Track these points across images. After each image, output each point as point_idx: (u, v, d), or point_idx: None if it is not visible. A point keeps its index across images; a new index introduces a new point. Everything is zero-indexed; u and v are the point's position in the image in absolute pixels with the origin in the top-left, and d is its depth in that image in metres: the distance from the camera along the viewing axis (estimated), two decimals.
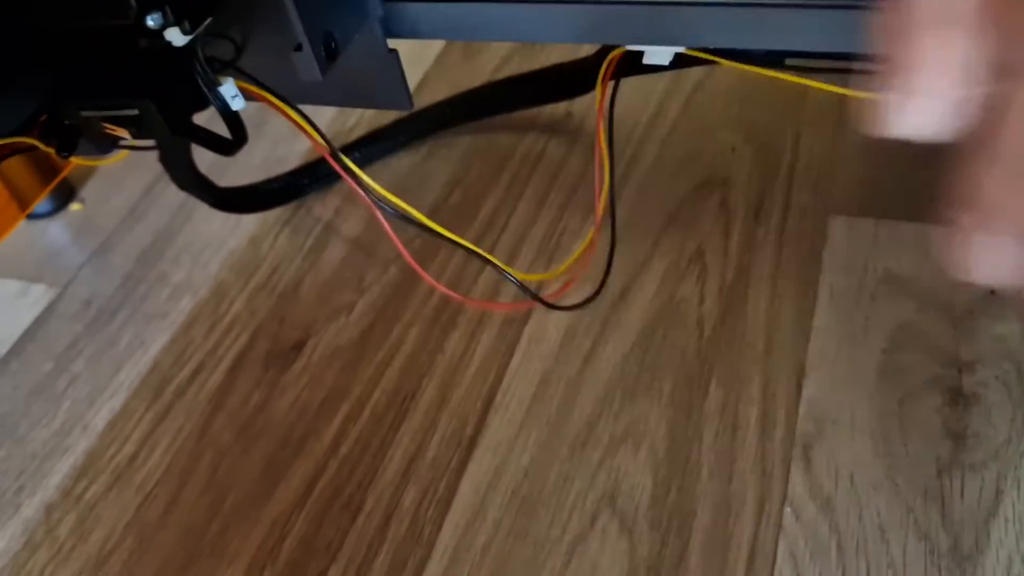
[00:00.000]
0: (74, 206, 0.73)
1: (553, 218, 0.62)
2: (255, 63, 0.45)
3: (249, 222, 0.67)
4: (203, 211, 0.69)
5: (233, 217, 0.68)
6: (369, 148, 0.69)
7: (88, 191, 0.74)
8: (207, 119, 0.44)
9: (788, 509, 0.45)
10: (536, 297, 0.54)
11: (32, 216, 0.73)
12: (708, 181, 0.61)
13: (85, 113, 0.45)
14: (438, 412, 0.52)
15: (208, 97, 0.42)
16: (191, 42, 0.38)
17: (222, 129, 0.43)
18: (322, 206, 0.67)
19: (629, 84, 0.67)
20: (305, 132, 0.47)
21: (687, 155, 0.63)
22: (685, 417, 0.49)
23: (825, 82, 0.43)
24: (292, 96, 0.45)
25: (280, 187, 0.67)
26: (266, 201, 0.67)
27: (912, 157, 0.59)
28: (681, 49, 0.43)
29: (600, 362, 0.53)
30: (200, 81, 0.41)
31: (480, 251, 0.53)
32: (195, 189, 0.57)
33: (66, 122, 0.46)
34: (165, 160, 0.53)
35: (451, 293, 0.57)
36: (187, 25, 0.38)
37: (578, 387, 0.52)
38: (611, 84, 0.45)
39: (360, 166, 0.69)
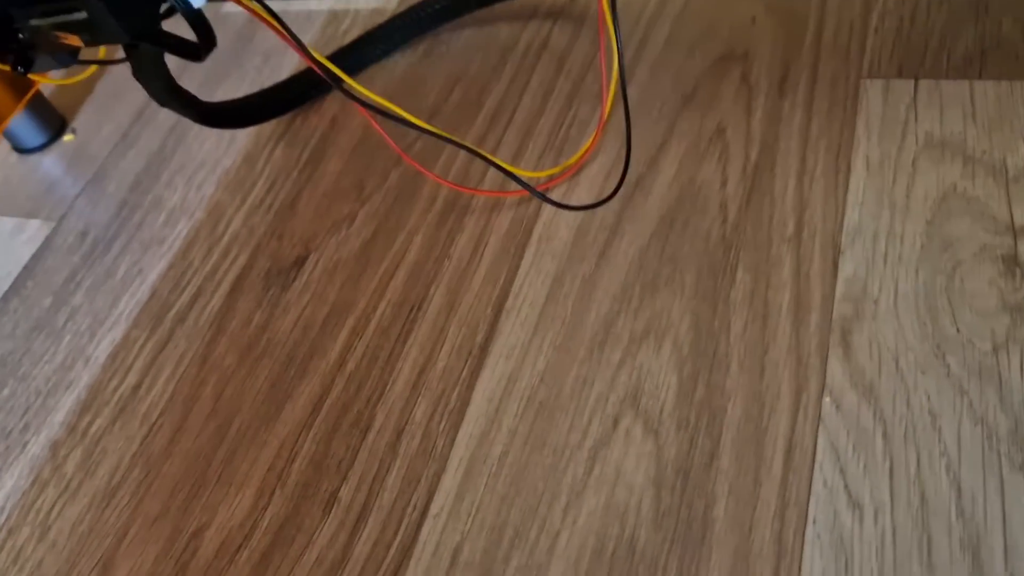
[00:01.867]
0: (66, 137, 0.70)
1: (560, 109, 0.57)
2: None
3: (243, 139, 0.64)
4: (196, 132, 0.66)
5: (227, 135, 0.64)
6: (363, 52, 0.65)
7: (79, 121, 0.71)
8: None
9: (827, 399, 0.41)
10: (545, 198, 0.50)
11: (25, 151, 0.70)
12: (727, 56, 0.56)
13: (34, 22, 0.42)
14: (447, 320, 0.49)
15: None
16: None
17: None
18: (318, 116, 0.63)
19: None
20: (279, 32, 0.43)
21: (703, 30, 0.58)
22: (710, 308, 0.45)
23: None
24: None
25: (270, 98, 0.63)
26: (256, 114, 0.63)
27: (951, 8, 0.53)
28: None
29: (617, 256, 0.49)
30: None
31: (482, 152, 0.49)
32: (176, 104, 0.53)
33: (19, 35, 0.43)
34: (137, 73, 0.50)
35: (459, 187, 0.53)
36: None
37: (594, 284, 0.48)
38: None
39: (356, 70, 0.65)
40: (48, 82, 0.63)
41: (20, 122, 0.69)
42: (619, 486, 0.41)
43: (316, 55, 0.45)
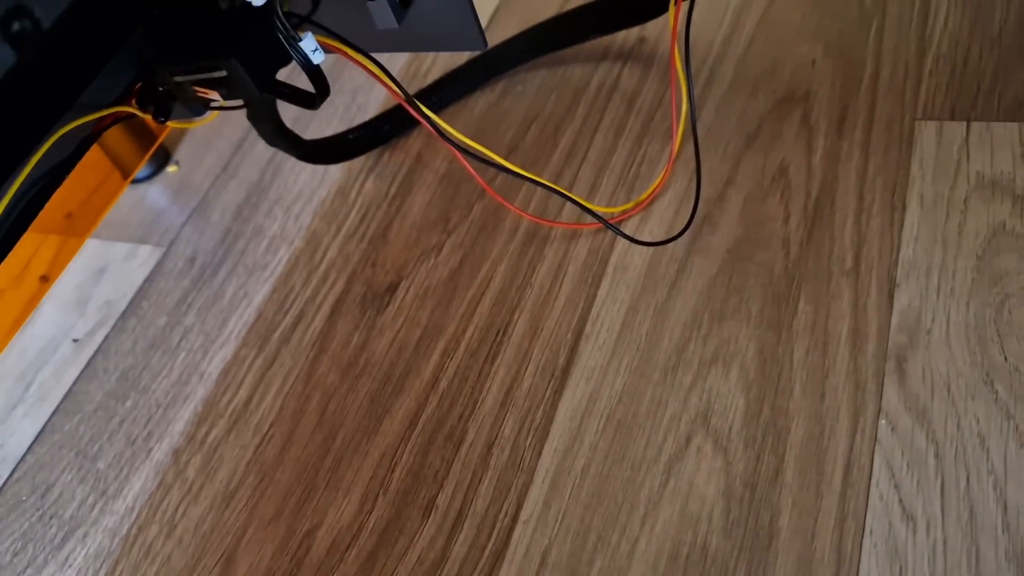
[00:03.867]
0: (170, 169, 0.77)
1: (632, 147, 0.62)
2: (330, 16, 0.46)
3: (335, 172, 0.69)
4: (291, 164, 0.71)
5: (320, 169, 0.70)
6: (445, 91, 0.70)
7: (182, 154, 0.78)
8: (286, 75, 0.46)
9: (883, 422, 0.45)
10: (620, 232, 0.55)
11: (132, 181, 0.77)
12: (788, 97, 0.60)
13: (178, 78, 0.47)
14: (531, 344, 0.54)
15: (290, 52, 0.43)
16: (268, 2, 0.40)
17: (303, 84, 0.45)
18: (403, 152, 0.69)
19: (701, 3, 0.66)
20: (382, 81, 0.48)
21: (765, 72, 0.62)
22: (775, 336, 0.50)
23: None
24: (367, 46, 0.47)
25: (362, 136, 0.69)
26: (350, 150, 0.68)
27: (1003, 53, 0.57)
28: None
29: (687, 287, 0.53)
30: (281, 37, 0.42)
31: (558, 187, 0.54)
32: (283, 144, 0.59)
33: (160, 88, 0.49)
34: (253, 118, 0.55)
35: (538, 219, 0.58)
36: None
37: (666, 313, 0.53)
38: (684, 3, 0.45)
39: (437, 110, 0.70)
40: (178, 126, 0.69)
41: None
42: (692, 497, 0.45)
43: (412, 97, 0.50)
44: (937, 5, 0.62)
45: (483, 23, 0.73)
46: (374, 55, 0.48)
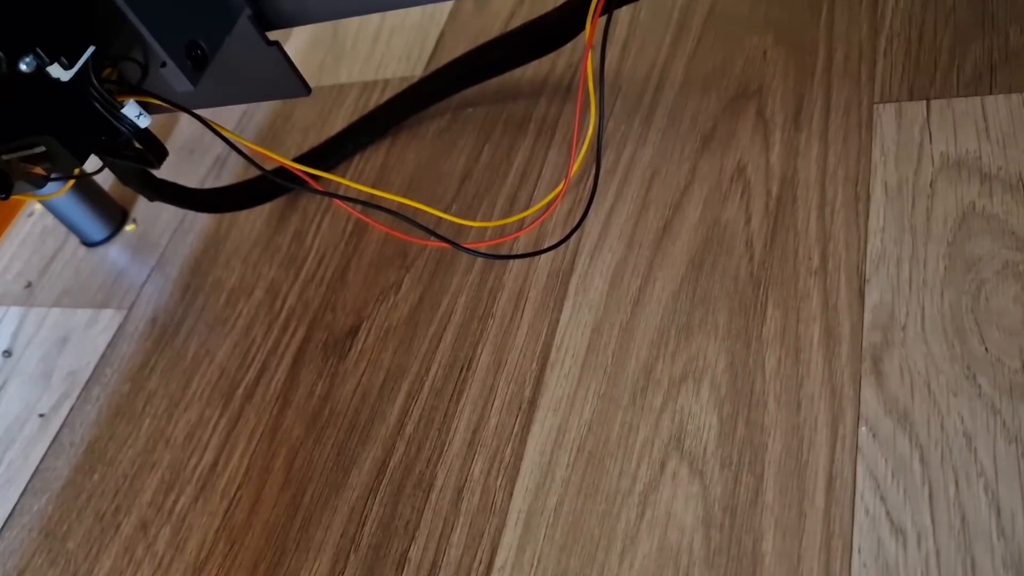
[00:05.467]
0: (128, 227, 0.75)
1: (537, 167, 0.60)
2: (160, 79, 0.46)
3: (291, 215, 0.67)
4: (246, 213, 0.70)
5: (276, 213, 0.68)
6: (366, 131, 0.68)
7: (139, 211, 0.76)
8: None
9: (863, 428, 0.43)
10: (459, 246, 0.52)
11: (92, 244, 0.75)
12: (741, 93, 0.58)
13: (5, 157, 0.46)
14: (496, 378, 0.52)
15: (112, 122, 0.43)
16: (79, 74, 0.39)
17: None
18: (356, 191, 0.66)
19: (647, 4, 0.64)
20: (226, 140, 0.47)
21: (716, 69, 0.60)
22: (744, 347, 0.47)
23: None
24: (199, 102, 0.46)
25: (262, 184, 0.67)
26: (250, 198, 0.67)
27: (958, 26, 0.54)
28: None
29: (651, 303, 0.51)
30: (100, 108, 0.41)
31: (408, 216, 0.52)
32: (165, 198, 0.59)
33: None
34: (121, 180, 0.55)
35: (398, 235, 0.56)
36: (65, 60, 0.38)
37: (631, 332, 0.50)
38: (602, 19, 0.43)
39: (369, 144, 0.69)
40: (30, 199, 0.68)
41: (85, 218, 0.74)
42: (670, 528, 0.43)
43: (284, 160, 0.49)
44: None
45: (428, 46, 0.72)
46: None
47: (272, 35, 0.47)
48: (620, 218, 0.55)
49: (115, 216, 0.75)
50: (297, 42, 0.81)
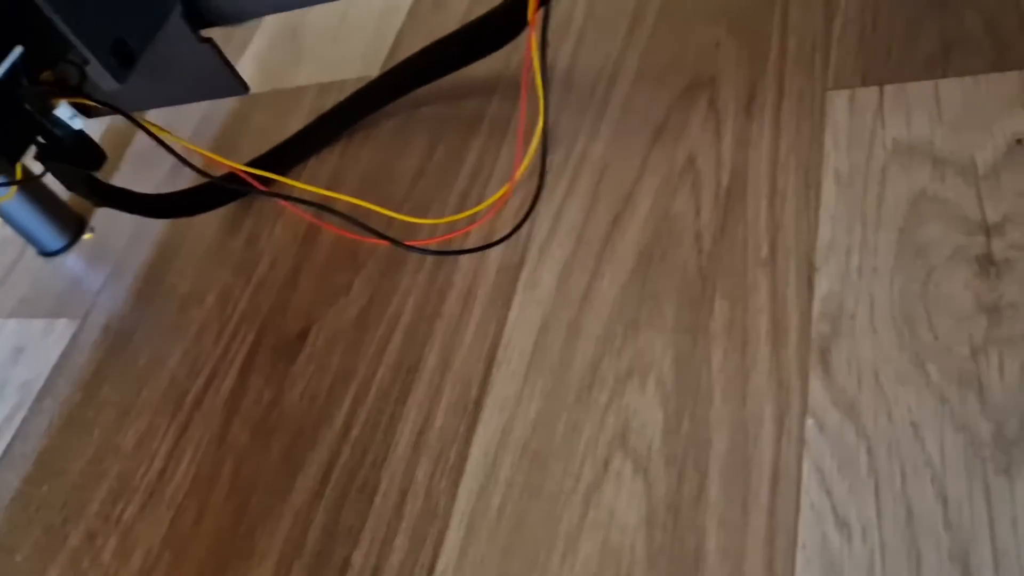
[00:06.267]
0: (86, 236, 0.74)
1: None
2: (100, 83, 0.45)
3: (245, 220, 0.66)
4: (201, 218, 0.69)
5: (229, 217, 0.67)
6: (320, 133, 0.67)
7: (97, 219, 0.75)
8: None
9: (810, 421, 0.41)
10: (401, 244, 0.52)
11: (49, 254, 0.74)
12: (694, 83, 0.57)
13: None
14: (442, 379, 0.51)
15: (43, 123, 0.42)
16: (7, 74, 0.38)
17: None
18: (310, 194, 0.65)
19: None
20: (157, 139, 0.47)
21: (669, 60, 0.59)
22: (691, 341, 0.46)
23: None
24: (138, 103, 0.46)
25: (211, 190, 0.66)
26: (202, 202, 0.66)
27: (912, 8, 0.53)
28: None
29: (598, 298, 0.50)
30: (30, 109, 0.41)
31: (356, 218, 0.51)
32: (112, 203, 0.58)
33: None
34: (65, 185, 0.54)
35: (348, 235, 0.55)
36: None
37: (578, 328, 0.49)
38: (540, 13, 0.42)
39: (323, 147, 0.67)
40: None
41: (41, 227, 0.73)
42: (613, 528, 0.42)
43: (234, 164, 0.49)
44: None
45: (387, 44, 0.71)
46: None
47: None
48: (570, 212, 0.54)
49: (72, 225, 0.74)
50: (256, 46, 0.80)
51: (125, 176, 0.76)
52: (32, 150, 0.49)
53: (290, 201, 0.47)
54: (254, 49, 0.80)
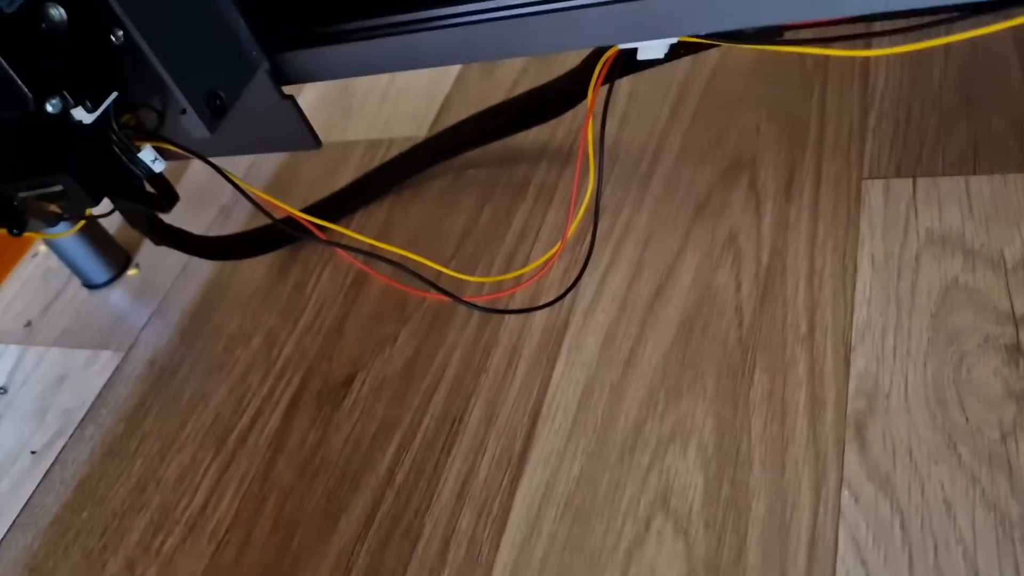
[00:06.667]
0: (131, 272, 0.76)
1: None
2: (177, 126, 0.48)
3: (292, 265, 0.69)
4: (248, 261, 0.71)
5: (276, 263, 0.70)
6: (371, 187, 0.70)
7: (142, 256, 0.77)
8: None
9: (846, 493, 0.44)
10: (460, 301, 0.54)
11: (94, 286, 0.76)
12: (735, 164, 0.60)
13: (22, 194, 0.47)
14: (487, 431, 0.53)
15: (128, 165, 0.44)
16: (101, 117, 0.41)
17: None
18: (359, 243, 0.68)
19: (646, 77, 0.67)
20: (239, 189, 0.49)
21: (712, 140, 0.62)
22: (731, 409, 0.48)
23: (824, 47, 0.42)
24: (211, 150, 0.48)
25: (266, 234, 0.69)
26: (254, 247, 0.69)
27: (944, 108, 0.57)
28: (674, 40, 0.42)
29: (641, 363, 0.52)
30: (118, 151, 0.43)
31: (413, 269, 0.53)
32: (171, 243, 0.60)
33: (14, 203, 0.49)
34: (130, 223, 0.56)
35: (400, 287, 0.58)
36: (89, 104, 0.40)
37: (622, 391, 0.51)
38: (604, 88, 0.45)
39: (372, 201, 0.70)
40: (40, 237, 0.71)
41: (88, 260, 0.75)
42: None
43: (292, 210, 0.51)
44: (876, 64, 0.62)
45: (434, 109, 0.74)
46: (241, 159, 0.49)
47: (286, 90, 0.49)
48: (615, 280, 0.57)
49: (118, 260, 0.77)
50: (307, 97, 0.83)
51: (175, 216, 0.78)
52: None
53: (346, 249, 0.49)
54: (305, 101, 0.83)
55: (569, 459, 0.50)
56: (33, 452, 0.65)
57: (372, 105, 0.80)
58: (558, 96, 0.60)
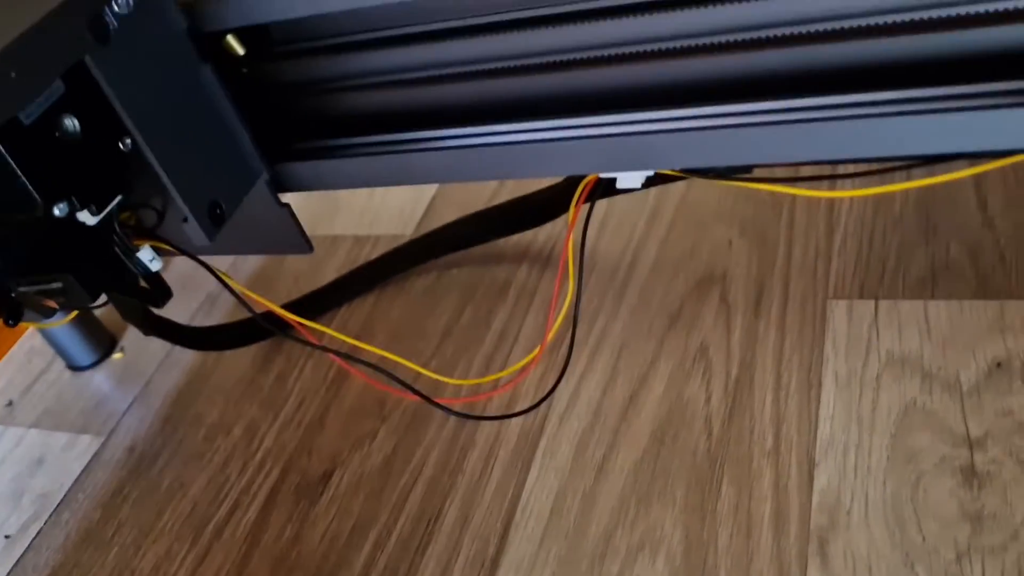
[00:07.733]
0: (116, 355, 0.78)
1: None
2: (175, 228, 0.50)
3: (276, 357, 0.70)
4: (232, 352, 0.72)
5: (260, 354, 0.71)
6: (355, 284, 0.73)
7: (128, 340, 0.79)
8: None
9: None
10: (450, 410, 0.56)
11: (78, 368, 0.77)
12: (707, 277, 0.63)
13: (22, 288, 0.49)
14: (461, 533, 0.54)
15: (127, 264, 0.46)
16: (104, 219, 0.43)
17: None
18: (339, 341, 0.70)
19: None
20: (229, 288, 0.51)
21: (685, 253, 0.65)
22: (699, 520, 0.50)
23: (790, 186, 0.45)
24: (206, 248, 0.51)
25: (249, 327, 0.70)
26: (237, 339, 0.70)
27: (904, 232, 0.60)
28: (651, 172, 0.45)
29: (613, 471, 0.54)
30: (118, 251, 0.45)
31: (396, 376, 0.55)
32: (159, 334, 0.62)
33: (11, 295, 0.50)
34: (122, 315, 0.58)
35: (388, 389, 0.59)
36: (94, 207, 0.42)
37: (593, 499, 0.53)
38: (584, 207, 0.48)
39: (356, 296, 0.73)
40: (35, 327, 0.73)
41: (73, 342, 0.77)
42: None
43: (274, 307, 0.53)
44: (842, 186, 0.65)
45: (419, 211, 0.77)
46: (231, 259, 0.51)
47: (283, 197, 0.51)
48: (590, 386, 0.59)
49: (104, 343, 0.78)
50: (296, 194, 0.85)
51: None
52: None
53: (325, 350, 0.51)
54: (292, 197, 0.85)
55: (541, 565, 0.51)
56: (7, 536, 0.65)
57: (360, 201, 0.83)
58: (541, 208, 0.63)
